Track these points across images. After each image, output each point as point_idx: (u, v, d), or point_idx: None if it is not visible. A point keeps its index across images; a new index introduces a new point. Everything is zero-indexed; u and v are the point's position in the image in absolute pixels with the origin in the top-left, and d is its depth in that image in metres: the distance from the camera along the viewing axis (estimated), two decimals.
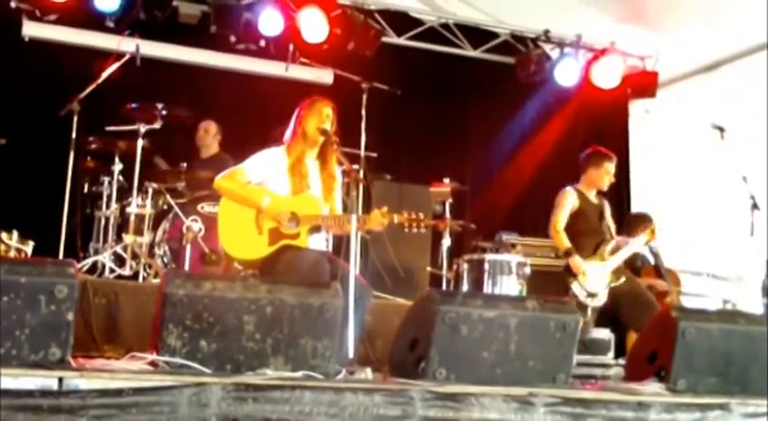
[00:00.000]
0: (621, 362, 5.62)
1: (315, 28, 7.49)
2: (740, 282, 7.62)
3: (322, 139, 4.72)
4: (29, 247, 5.62)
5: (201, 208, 6.26)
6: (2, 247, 5.43)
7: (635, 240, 6.08)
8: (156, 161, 6.92)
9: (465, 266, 6.40)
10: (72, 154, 6.29)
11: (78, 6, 7.07)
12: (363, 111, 6.33)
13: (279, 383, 3.17)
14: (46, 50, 7.25)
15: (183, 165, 6.51)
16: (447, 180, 6.95)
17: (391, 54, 8.11)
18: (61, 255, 6.00)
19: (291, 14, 7.52)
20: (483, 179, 8.63)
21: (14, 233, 5.55)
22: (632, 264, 6.61)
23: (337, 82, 7.29)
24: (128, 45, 6.54)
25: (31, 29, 7.19)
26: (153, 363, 3.28)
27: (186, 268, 5.95)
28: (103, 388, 2.91)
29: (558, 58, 8.37)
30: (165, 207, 6.46)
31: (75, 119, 6.32)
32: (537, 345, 3.76)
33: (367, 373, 3.87)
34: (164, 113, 6.42)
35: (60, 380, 2.92)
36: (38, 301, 3.07)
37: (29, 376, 2.91)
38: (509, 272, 6.24)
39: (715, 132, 6.59)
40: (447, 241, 6.75)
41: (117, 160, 6.43)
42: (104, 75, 6.34)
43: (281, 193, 4.62)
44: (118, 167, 6.44)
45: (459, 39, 8.42)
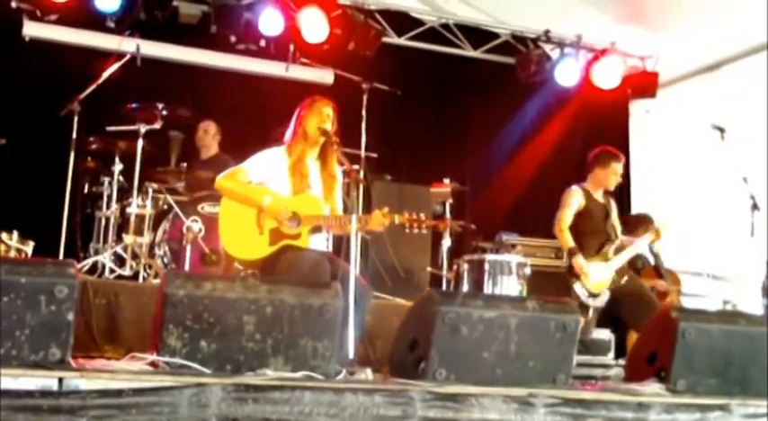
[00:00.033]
0: (622, 362, 5.62)
1: (315, 28, 7.49)
2: (740, 283, 7.61)
3: (322, 139, 4.71)
4: (29, 248, 5.63)
5: (202, 208, 6.26)
6: (2, 247, 5.43)
7: (640, 240, 6.08)
8: (173, 135, 6.87)
9: (465, 267, 6.41)
10: (72, 154, 6.28)
11: (79, 6, 7.08)
12: (364, 112, 6.33)
13: (279, 384, 3.17)
14: (46, 50, 7.25)
15: (184, 165, 6.51)
16: (447, 180, 6.95)
17: (392, 54, 8.10)
18: (61, 256, 6.00)
19: (292, 14, 7.52)
20: (483, 179, 8.63)
21: (15, 233, 5.57)
22: (633, 265, 6.61)
23: (338, 82, 7.29)
24: (128, 45, 6.54)
25: (32, 29, 7.20)
26: (153, 364, 3.28)
27: (186, 268, 5.95)
28: (103, 388, 2.91)
29: (559, 58, 8.37)
30: (165, 207, 6.46)
31: (76, 119, 6.32)
32: (537, 346, 3.76)
33: (367, 374, 3.87)
34: (164, 113, 6.42)
35: (60, 381, 2.92)
36: (38, 302, 3.07)
37: (29, 376, 2.91)
38: (509, 272, 6.25)
39: (715, 133, 6.58)
40: (447, 241, 6.74)
41: (117, 160, 6.43)
42: (105, 75, 6.34)
43: (281, 193, 4.62)
44: (118, 167, 6.44)
45: (460, 39, 8.42)
